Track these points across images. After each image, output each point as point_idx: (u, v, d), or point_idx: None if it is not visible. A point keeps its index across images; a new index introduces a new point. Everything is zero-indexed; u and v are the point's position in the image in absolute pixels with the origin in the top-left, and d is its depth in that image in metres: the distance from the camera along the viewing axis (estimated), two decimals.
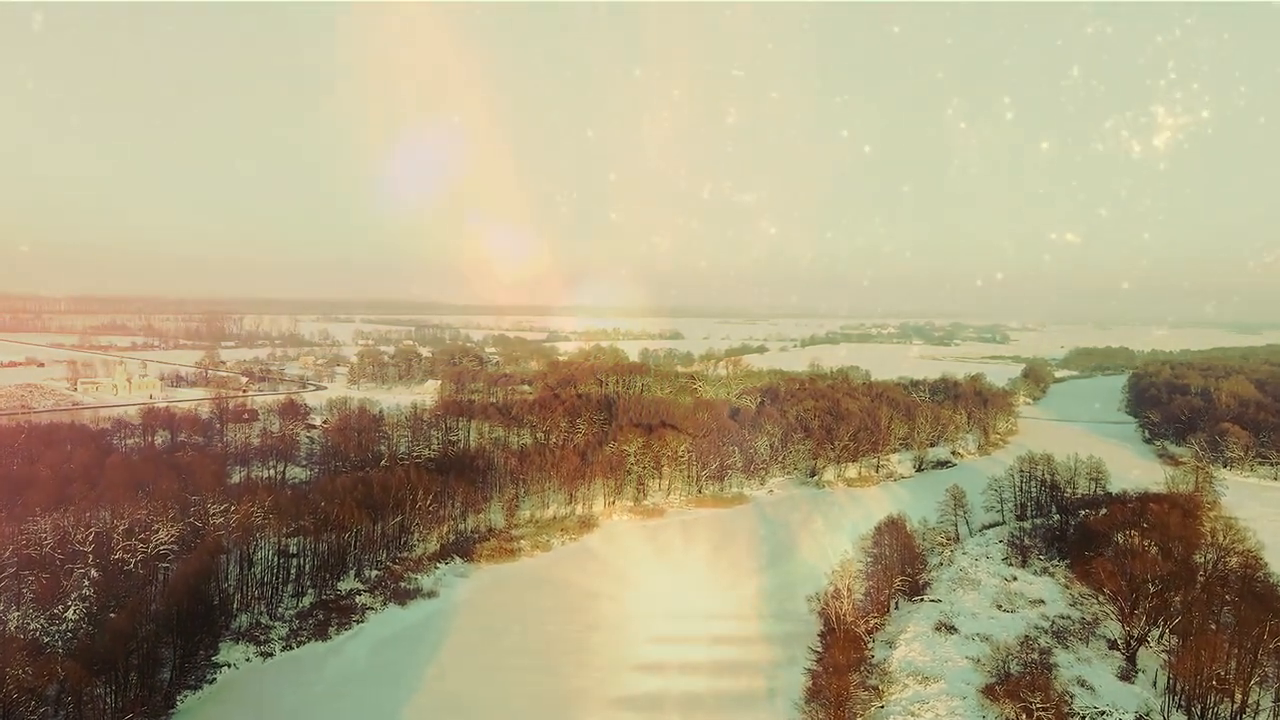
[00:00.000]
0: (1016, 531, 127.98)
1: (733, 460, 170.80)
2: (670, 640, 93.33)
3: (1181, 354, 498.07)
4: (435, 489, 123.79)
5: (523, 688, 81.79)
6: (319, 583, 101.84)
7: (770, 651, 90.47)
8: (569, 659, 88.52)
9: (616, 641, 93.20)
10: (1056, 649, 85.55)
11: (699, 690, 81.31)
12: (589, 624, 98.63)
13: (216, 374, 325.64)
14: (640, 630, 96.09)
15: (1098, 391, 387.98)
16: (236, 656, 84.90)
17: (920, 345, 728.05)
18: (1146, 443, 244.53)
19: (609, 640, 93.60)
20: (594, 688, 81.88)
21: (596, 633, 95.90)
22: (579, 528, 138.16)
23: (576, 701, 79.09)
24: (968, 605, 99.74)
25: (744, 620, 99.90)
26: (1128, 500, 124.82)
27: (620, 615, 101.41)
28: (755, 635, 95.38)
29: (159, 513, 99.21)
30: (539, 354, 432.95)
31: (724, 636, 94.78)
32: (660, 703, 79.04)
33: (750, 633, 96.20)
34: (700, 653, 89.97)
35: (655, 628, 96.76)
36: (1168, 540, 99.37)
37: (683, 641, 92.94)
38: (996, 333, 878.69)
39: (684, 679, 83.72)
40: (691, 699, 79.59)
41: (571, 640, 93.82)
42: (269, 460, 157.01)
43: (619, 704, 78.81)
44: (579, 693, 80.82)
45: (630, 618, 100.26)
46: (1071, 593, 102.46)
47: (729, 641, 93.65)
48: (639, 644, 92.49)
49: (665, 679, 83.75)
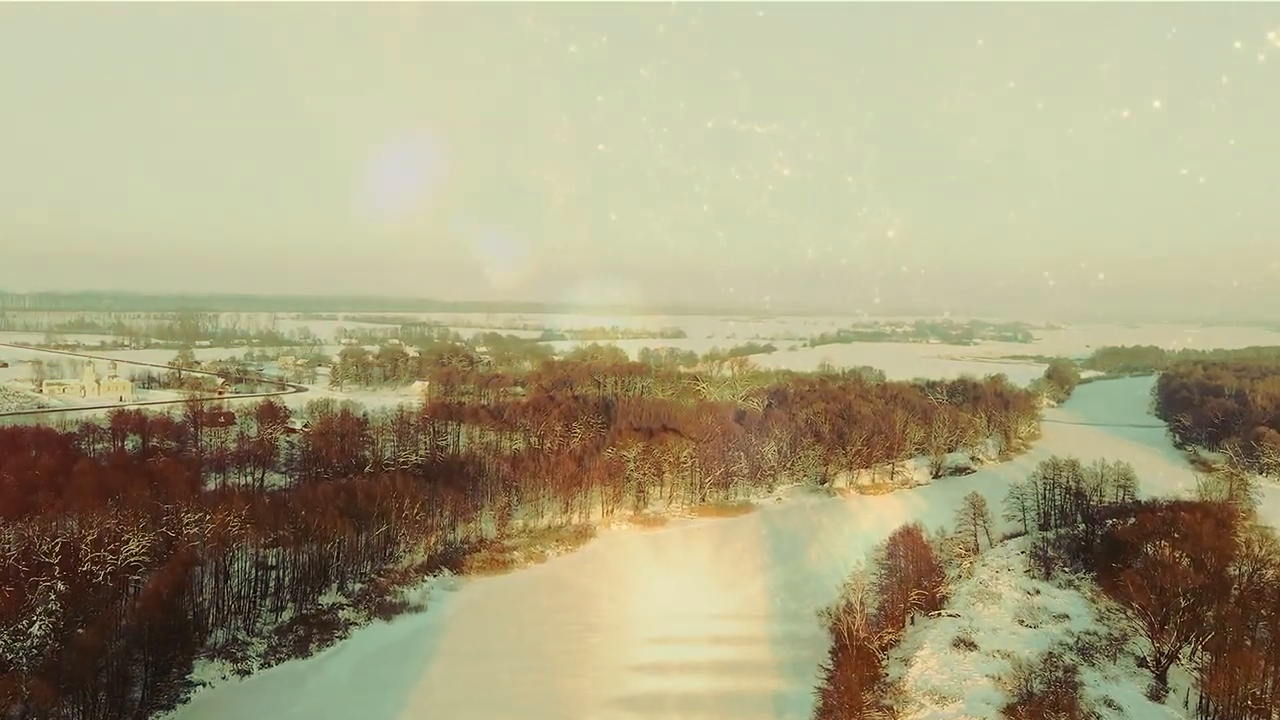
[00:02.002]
0: (1039, 542, 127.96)
1: (738, 466, 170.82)
2: (671, 660, 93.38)
3: (1215, 353, 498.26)
4: (423, 497, 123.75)
5: (515, 708, 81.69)
6: (299, 596, 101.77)
7: (788, 683, 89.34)
8: (565, 682, 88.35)
9: (614, 663, 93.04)
10: (1082, 667, 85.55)
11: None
12: (586, 642, 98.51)
13: (190, 375, 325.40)
14: (640, 650, 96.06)
15: (1125, 393, 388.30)
16: (212, 675, 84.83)
17: (937, 344, 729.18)
18: (1177, 448, 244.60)
19: (607, 661, 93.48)
20: (590, 713, 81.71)
21: (594, 652, 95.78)
22: (575, 538, 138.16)
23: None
24: (988, 620, 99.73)
25: (752, 647, 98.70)
26: (1157, 509, 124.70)
27: (620, 633, 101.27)
28: (768, 663, 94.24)
29: (129, 522, 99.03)
30: (533, 354, 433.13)
31: (730, 664, 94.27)
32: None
33: (762, 661, 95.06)
34: (703, 682, 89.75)
35: (657, 647, 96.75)
36: (1200, 551, 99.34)
37: (685, 664, 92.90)
38: (1018, 331, 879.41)
39: (686, 704, 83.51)
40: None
41: (568, 658, 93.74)
42: (246, 466, 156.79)
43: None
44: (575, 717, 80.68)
45: (631, 638, 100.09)
46: (1098, 607, 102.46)
47: (736, 670, 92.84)
48: (639, 662, 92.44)
49: (666, 696, 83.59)
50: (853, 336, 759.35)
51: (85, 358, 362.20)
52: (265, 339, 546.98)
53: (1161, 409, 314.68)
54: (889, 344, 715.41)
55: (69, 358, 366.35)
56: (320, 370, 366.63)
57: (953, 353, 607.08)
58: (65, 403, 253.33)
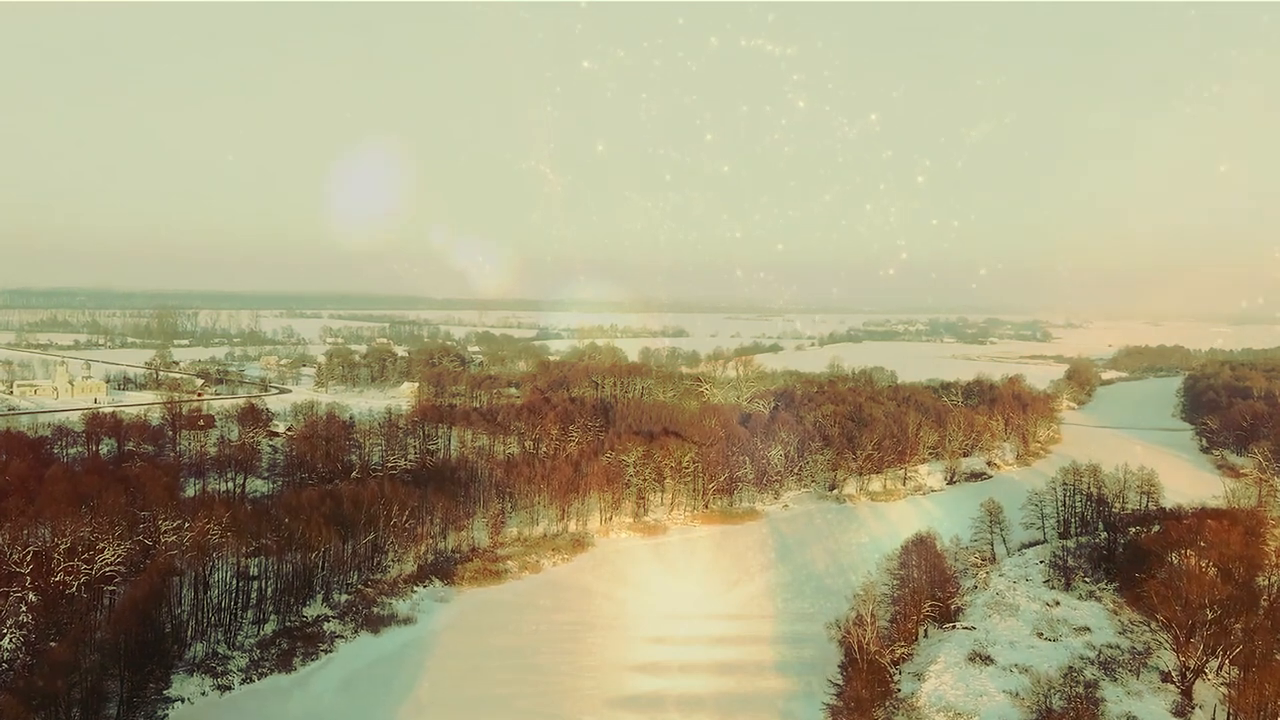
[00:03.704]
0: (1059, 551, 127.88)
1: (743, 472, 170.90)
2: (672, 665, 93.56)
3: (1244, 353, 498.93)
4: (412, 504, 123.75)
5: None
6: (283, 608, 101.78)
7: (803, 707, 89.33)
8: (561, 700, 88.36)
9: (613, 679, 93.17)
10: (1104, 681, 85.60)
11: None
12: (583, 656, 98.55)
13: (169, 376, 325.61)
14: (640, 663, 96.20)
15: (1149, 395, 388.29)
16: (191, 690, 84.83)
17: (952, 343, 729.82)
18: (1204, 452, 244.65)
19: (605, 679, 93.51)
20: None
21: (591, 667, 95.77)
22: (572, 547, 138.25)
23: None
24: (1005, 633, 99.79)
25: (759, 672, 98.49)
26: (1183, 516, 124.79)
27: (619, 645, 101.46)
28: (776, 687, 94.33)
29: (104, 530, 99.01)
30: (527, 353, 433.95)
31: (735, 674, 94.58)
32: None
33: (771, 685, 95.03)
34: (706, 685, 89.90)
35: (657, 655, 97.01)
36: (1228, 561, 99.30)
37: (684, 670, 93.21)
38: (1037, 330, 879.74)
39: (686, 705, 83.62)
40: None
41: (565, 673, 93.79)
42: (227, 472, 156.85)
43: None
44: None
45: (631, 648, 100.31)
46: (1120, 619, 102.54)
47: (738, 671, 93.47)
48: (640, 675, 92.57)
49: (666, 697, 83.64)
50: (863, 335, 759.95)
51: (58, 358, 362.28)
52: (247, 338, 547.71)
53: (1187, 411, 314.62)
54: (901, 343, 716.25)
55: (41, 358, 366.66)
56: (305, 371, 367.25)
57: (968, 352, 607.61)
58: (37, 405, 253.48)
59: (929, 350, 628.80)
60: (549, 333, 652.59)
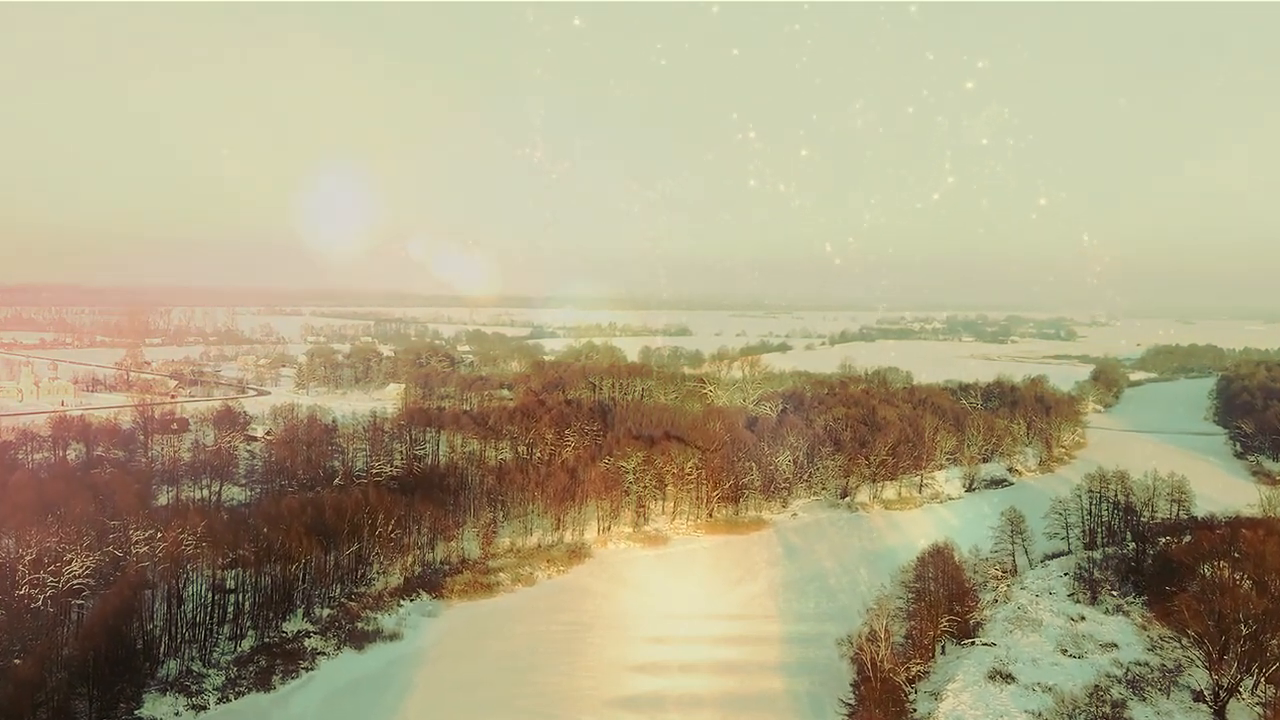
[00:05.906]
0: (1084, 563, 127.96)
1: (749, 478, 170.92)
2: (672, 665, 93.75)
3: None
4: (398, 512, 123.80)
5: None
6: (261, 623, 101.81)
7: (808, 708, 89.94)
8: (560, 700, 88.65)
9: (613, 679, 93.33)
10: (1132, 701, 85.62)
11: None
12: (581, 673, 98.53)
13: (140, 376, 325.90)
14: (642, 673, 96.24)
15: (1180, 397, 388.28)
16: (164, 710, 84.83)
17: (971, 342, 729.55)
18: (1238, 457, 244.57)
19: (604, 679, 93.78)
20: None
21: (590, 684, 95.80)
22: (568, 558, 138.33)
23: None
24: (1027, 649, 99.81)
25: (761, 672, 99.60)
26: (1216, 525, 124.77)
27: (619, 656, 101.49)
28: (779, 688, 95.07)
29: (72, 540, 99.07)
30: (521, 353, 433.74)
31: (736, 674, 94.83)
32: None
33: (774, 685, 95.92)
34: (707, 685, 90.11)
35: (661, 669, 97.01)
36: (1264, 573, 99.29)
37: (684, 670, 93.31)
38: (1060, 328, 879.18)
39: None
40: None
41: (563, 673, 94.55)
42: (202, 478, 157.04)
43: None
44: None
45: (631, 660, 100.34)
46: (1149, 635, 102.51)
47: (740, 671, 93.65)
48: (640, 675, 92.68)
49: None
50: (876, 334, 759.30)
51: (22, 357, 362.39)
52: (223, 336, 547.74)
53: (1220, 414, 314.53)
54: (917, 342, 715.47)
55: (4, 357, 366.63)
56: (284, 371, 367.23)
57: (988, 352, 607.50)
58: (0, 408, 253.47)
59: (946, 349, 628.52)
60: (543, 331, 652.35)
